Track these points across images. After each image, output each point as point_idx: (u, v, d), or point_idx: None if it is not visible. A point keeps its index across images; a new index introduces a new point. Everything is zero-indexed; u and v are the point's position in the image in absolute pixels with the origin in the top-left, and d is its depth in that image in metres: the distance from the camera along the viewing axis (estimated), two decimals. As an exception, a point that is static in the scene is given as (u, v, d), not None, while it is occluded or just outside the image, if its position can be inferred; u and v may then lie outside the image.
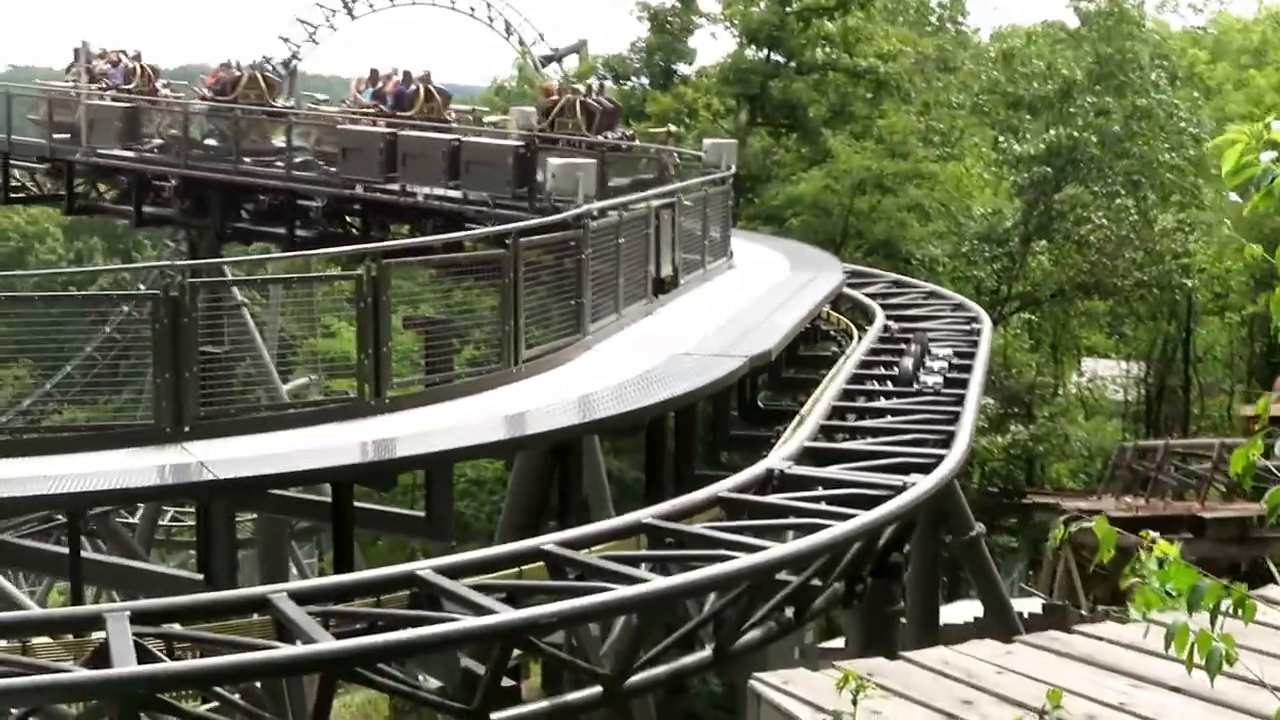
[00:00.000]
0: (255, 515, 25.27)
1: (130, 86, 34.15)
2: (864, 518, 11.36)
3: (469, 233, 20.24)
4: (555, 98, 27.47)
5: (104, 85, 34.38)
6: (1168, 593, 8.33)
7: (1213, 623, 4.20)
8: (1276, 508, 4.48)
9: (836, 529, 10.96)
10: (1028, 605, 26.47)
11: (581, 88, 28.80)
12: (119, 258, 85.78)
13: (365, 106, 30.08)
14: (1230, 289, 46.20)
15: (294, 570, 36.19)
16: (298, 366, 47.78)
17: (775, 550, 10.45)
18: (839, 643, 20.70)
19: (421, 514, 14.84)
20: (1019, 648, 8.32)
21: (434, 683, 9.66)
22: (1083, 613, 24.99)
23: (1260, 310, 43.67)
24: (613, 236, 17.62)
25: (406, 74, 30.48)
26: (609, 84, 45.02)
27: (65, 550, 13.87)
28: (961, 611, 25.87)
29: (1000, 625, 21.54)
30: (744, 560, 10.04)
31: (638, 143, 27.44)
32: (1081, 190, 42.27)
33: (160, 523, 37.84)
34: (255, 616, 9.77)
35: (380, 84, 30.60)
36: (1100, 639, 8.22)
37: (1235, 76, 46.91)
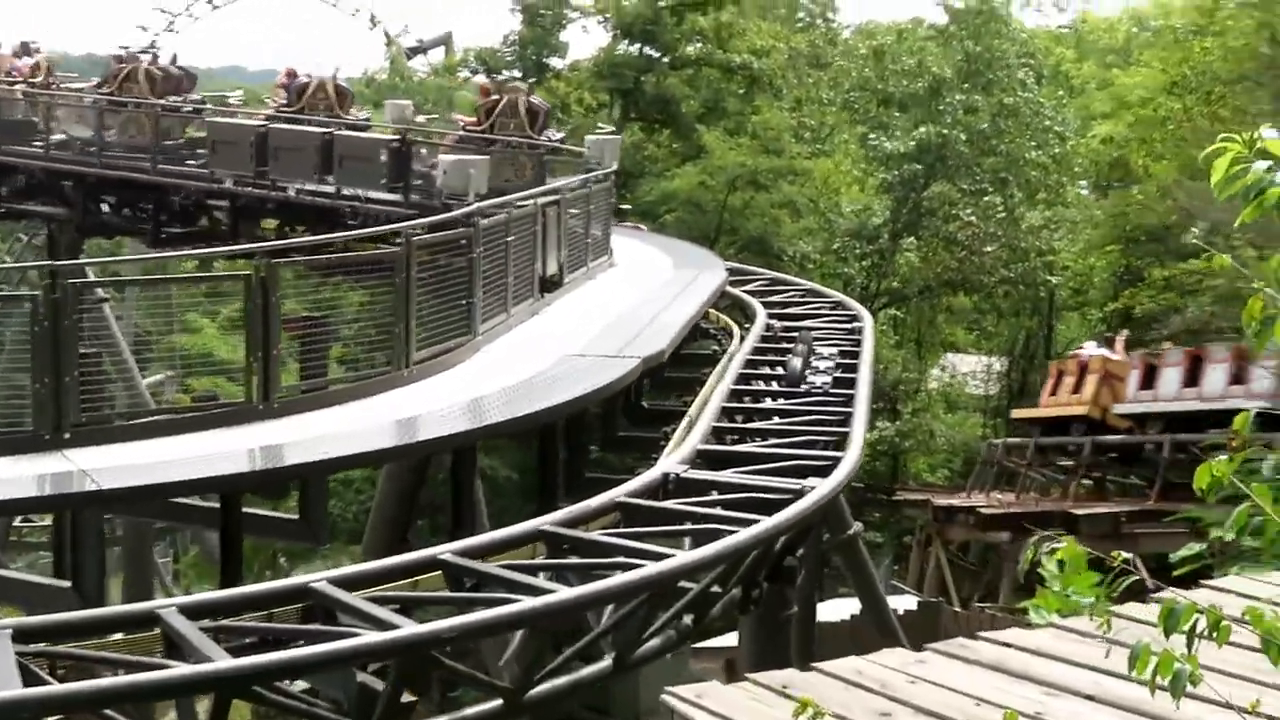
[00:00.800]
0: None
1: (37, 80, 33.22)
2: (765, 524, 11.25)
3: (365, 230, 19.90)
4: (495, 97, 27.00)
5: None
6: (1068, 595, 8.32)
7: (1189, 645, 4.12)
8: (1244, 526, 4.43)
9: (738, 536, 10.85)
10: (901, 602, 26.63)
11: (523, 87, 28.32)
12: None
13: (282, 106, 29.33)
14: (1092, 285, 46.92)
15: (156, 576, 35.58)
16: (153, 363, 47.02)
17: (678, 559, 10.33)
18: (722, 641, 20.58)
19: (294, 516, 14.51)
20: (929, 656, 8.25)
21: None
22: (955, 610, 25.21)
23: (1120, 307, 44.51)
24: (502, 234, 17.38)
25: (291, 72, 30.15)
26: (480, 77, 44.75)
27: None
28: (837, 609, 25.91)
29: (878, 624, 21.67)
30: (646, 570, 9.91)
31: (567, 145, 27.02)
32: (950, 188, 42.76)
33: (13, 523, 36.81)
34: (141, 632, 9.43)
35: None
36: (1008, 645, 8.17)
37: (1100, 75, 47.67)
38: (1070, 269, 45.38)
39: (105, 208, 32.47)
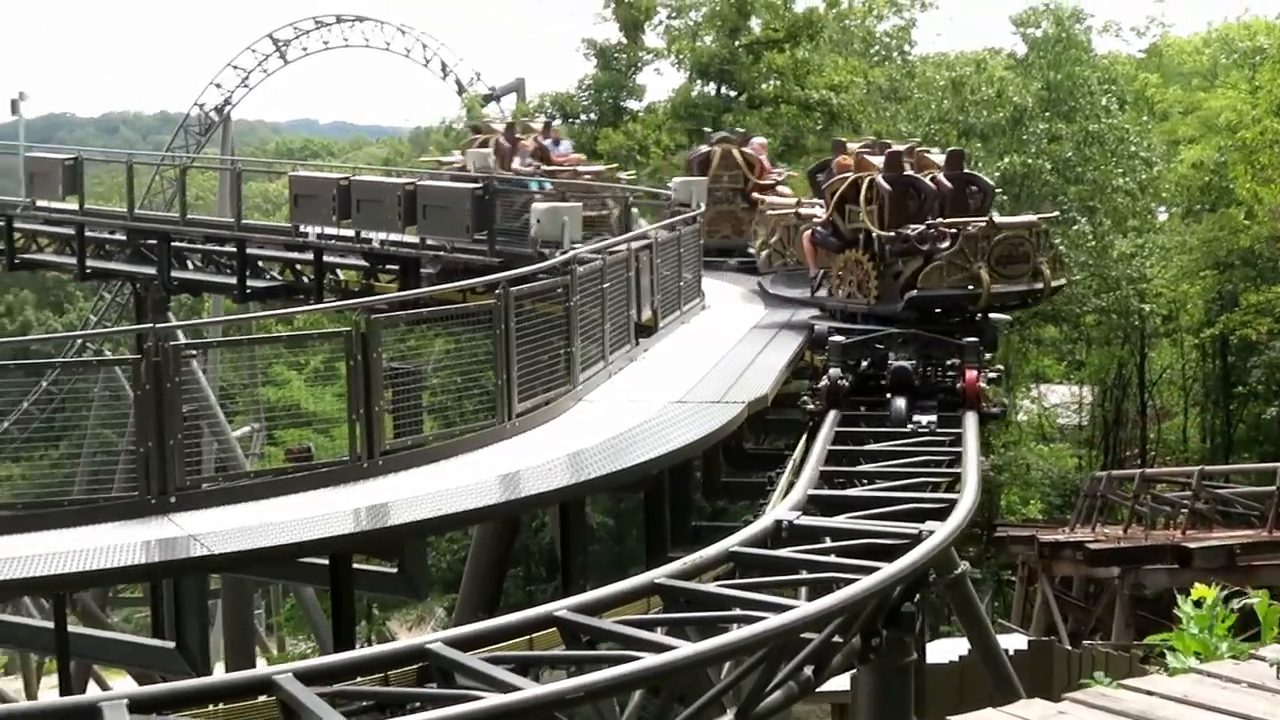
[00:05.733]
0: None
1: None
2: (885, 571, 11.03)
3: (465, 282, 19.80)
4: (707, 149, 27.37)
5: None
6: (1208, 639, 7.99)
7: None
8: None
9: (859, 584, 10.63)
10: (1010, 642, 26.11)
11: (735, 137, 28.11)
12: (50, 309, 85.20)
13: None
14: (1185, 311, 46.25)
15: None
16: (237, 415, 47.40)
17: (799, 610, 10.12)
18: (830, 685, 20.25)
19: (393, 570, 14.37)
20: (1069, 706, 7.97)
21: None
22: (1068, 648, 24.68)
23: (1217, 332, 43.82)
24: (598, 281, 17.22)
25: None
26: (557, 123, 44.82)
27: (50, 625, 13.43)
28: (945, 650, 25.45)
29: (990, 666, 21.20)
30: (768, 622, 9.70)
31: None
32: (1037, 218, 42.26)
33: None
34: (257, 699, 9.32)
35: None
36: (1151, 694, 7.89)
37: (1185, 99, 47.12)
38: (1163, 295, 44.70)
39: (190, 265, 32.80)
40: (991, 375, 19.18)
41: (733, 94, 44.39)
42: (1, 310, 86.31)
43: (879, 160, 20.06)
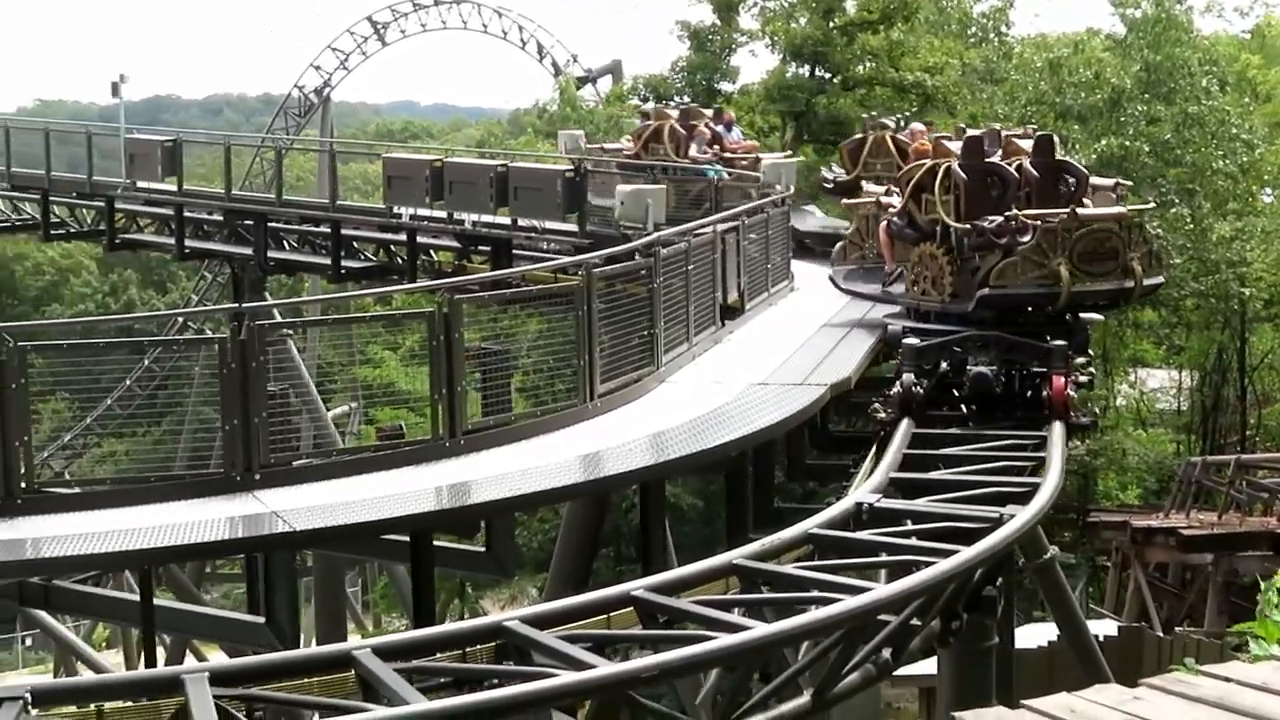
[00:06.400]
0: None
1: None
2: (964, 554, 10.96)
3: (546, 264, 19.84)
4: (861, 136, 25.65)
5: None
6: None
7: None
8: None
9: (937, 567, 10.57)
10: (1100, 628, 25.88)
11: (889, 124, 26.38)
12: (153, 289, 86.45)
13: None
14: (1287, 295, 45.53)
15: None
16: (335, 395, 47.84)
17: (875, 592, 10.09)
18: (918, 668, 20.15)
19: (481, 549, 14.46)
20: (1145, 692, 7.89)
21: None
22: (1159, 635, 24.42)
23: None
24: (682, 263, 17.19)
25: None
26: (650, 104, 44.79)
27: (120, 595, 13.66)
28: (1032, 636, 25.29)
29: (1079, 652, 21.05)
30: (844, 604, 9.69)
31: None
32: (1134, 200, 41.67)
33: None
34: (336, 674, 9.42)
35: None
36: (1229, 680, 7.80)
37: (1289, 80, 46.36)
38: (1264, 279, 43.96)
39: (286, 245, 33.15)
40: (1083, 379, 17.54)
41: (826, 76, 44.15)
42: (106, 289, 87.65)
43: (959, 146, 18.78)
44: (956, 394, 16.48)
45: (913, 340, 16.64)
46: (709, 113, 30.26)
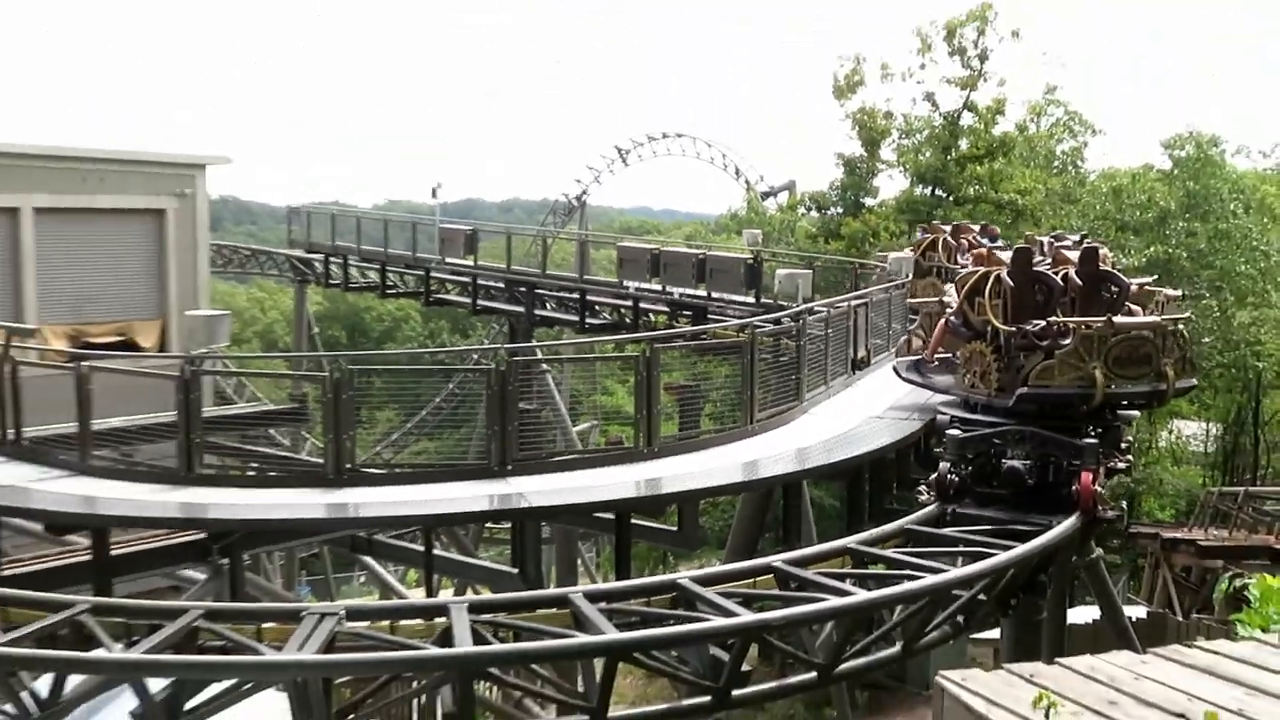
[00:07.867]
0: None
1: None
2: (1021, 549, 10.84)
3: (721, 324, 19.84)
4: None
5: None
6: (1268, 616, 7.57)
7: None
8: None
9: (999, 557, 10.50)
10: (1134, 611, 24.91)
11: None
12: (459, 334, 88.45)
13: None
14: (1293, 368, 43.48)
15: (580, 565, 36.24)
16: (582, 415, 48.23)
17: (951, 573, 9.98)
18: (993, 634, 19.58)
19: (674, 528, 14.51)
20: (1152, 658, 7.62)
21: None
22: (1179, 620, 23.42)
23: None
24: (823, 328, 17.09)
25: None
26: (813, 213, 44.67)
27: (422, 549, 13.97)
28: (1082, 614, 24.42)
29: (1115, 628, 20.27)
30: (927, 580, 9.64)
31: None
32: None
33: (486, 525, 38.26)
34: (557, 610, 9.54)
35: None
36: (1217, 653, 7.50)
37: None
38: (1274, 355, 42.10)
39: (548, 306, 33.71)
40: (1120, 466, 14.80)
41: (943, 195, 43.49)
42: (426, 333, 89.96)
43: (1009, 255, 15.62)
44: (993, 484, 13.48)
45: (955, 431, 13.92)
46: (976, 227, 27.03)
